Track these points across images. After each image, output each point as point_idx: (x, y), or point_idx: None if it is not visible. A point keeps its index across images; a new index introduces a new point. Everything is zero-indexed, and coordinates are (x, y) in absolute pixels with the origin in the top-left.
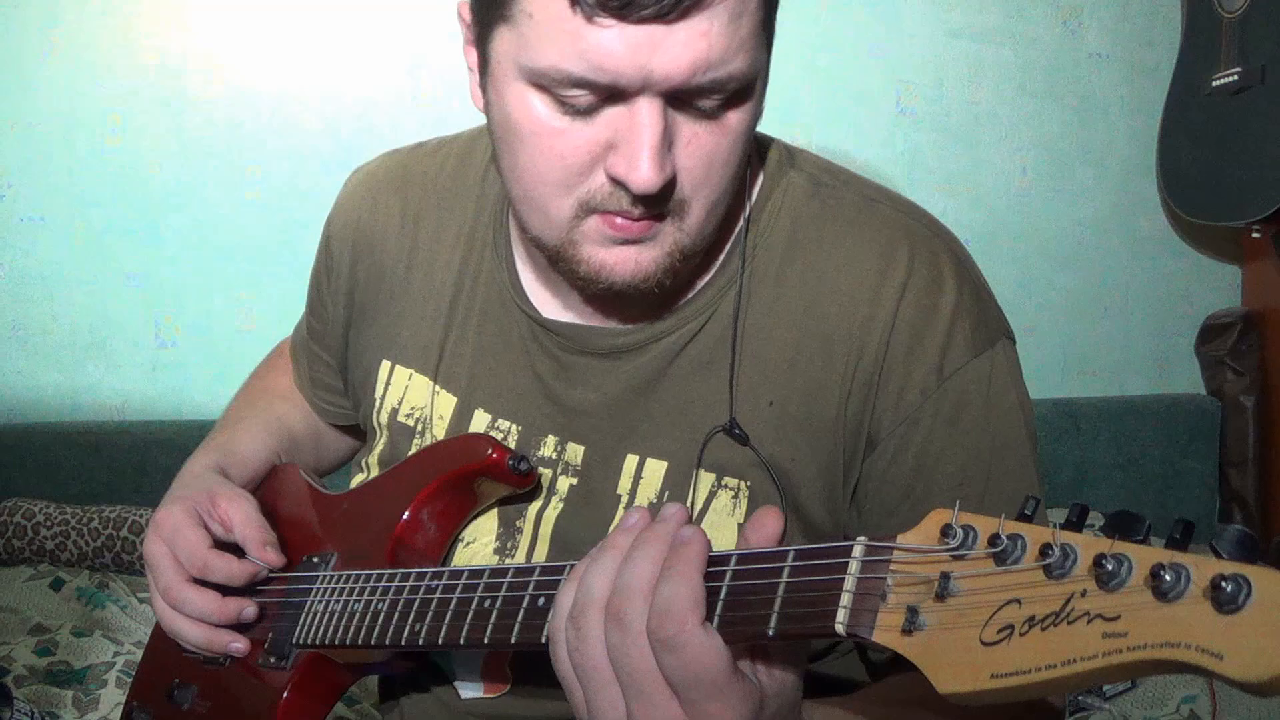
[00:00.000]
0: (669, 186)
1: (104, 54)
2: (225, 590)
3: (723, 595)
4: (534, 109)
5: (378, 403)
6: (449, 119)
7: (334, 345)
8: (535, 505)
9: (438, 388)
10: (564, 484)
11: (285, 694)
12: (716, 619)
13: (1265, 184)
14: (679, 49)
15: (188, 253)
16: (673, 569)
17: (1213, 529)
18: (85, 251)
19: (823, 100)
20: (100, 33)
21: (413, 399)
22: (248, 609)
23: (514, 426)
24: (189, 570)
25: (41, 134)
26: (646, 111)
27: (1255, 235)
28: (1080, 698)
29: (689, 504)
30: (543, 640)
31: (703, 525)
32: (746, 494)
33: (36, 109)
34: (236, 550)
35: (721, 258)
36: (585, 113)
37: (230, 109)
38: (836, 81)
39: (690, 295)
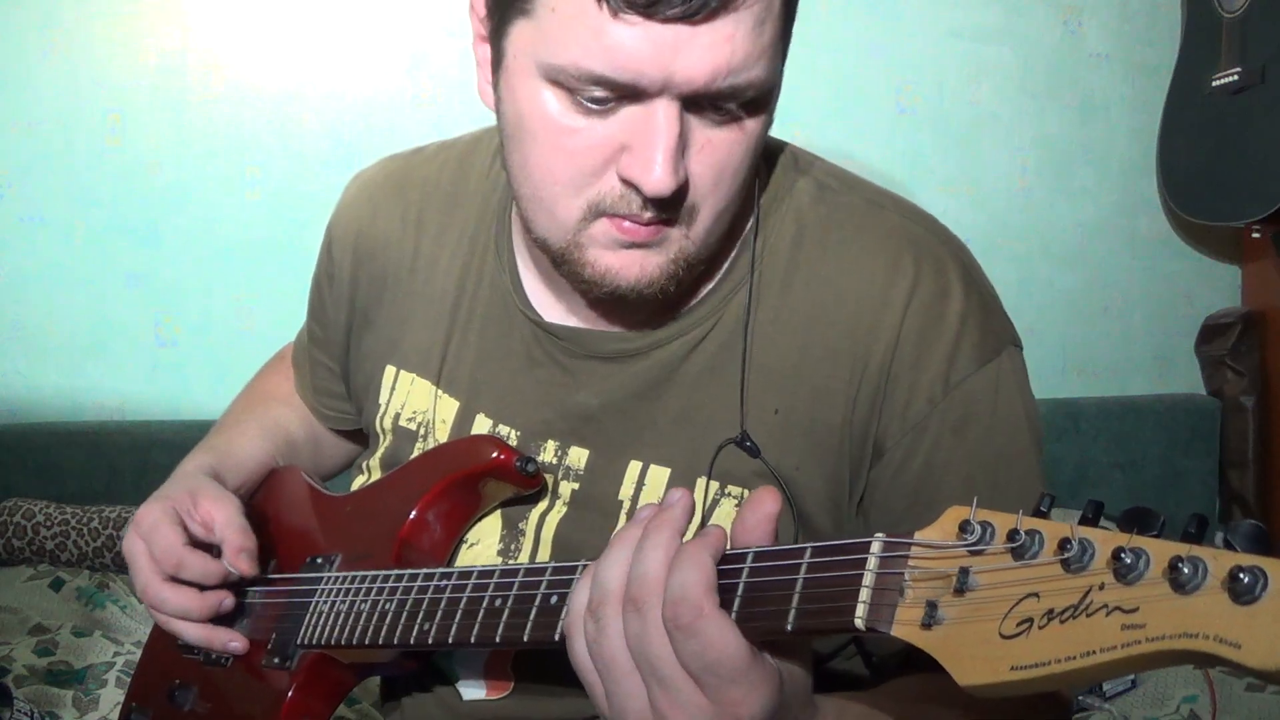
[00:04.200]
0: (681, 191)
1: (104, 54)
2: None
3: (740, 591)
4: (548, 106)
5: (381, 408)
6: (449, 119)
7: (336, 351)
8: (538, 509)
9: (440, 392)
10: (566, 488)
11: (290, 694)
12: (735, 614)
13: (1265, 184)
14: (702, 51)
15: (188, 253)
16: (683, 554)
17: (1213, 529)
18: (85, 251)
19: (823, 100)
20: (100, 33)
21: (415, 403)
22: (226, 600)
23: (514, 432)
24: (163, 567)
25: (41, 134)
26: (664, 114)
27: (1255, 235)
28: (1080, 697)
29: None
30: (556, 638)
31: None
32: (754, 491)
33: (36, 109)
34: (213, 551)
35: (727, 264)
36: (601, 112)
37: (230, 109)
38: (836, 81)
39: (695, 301)
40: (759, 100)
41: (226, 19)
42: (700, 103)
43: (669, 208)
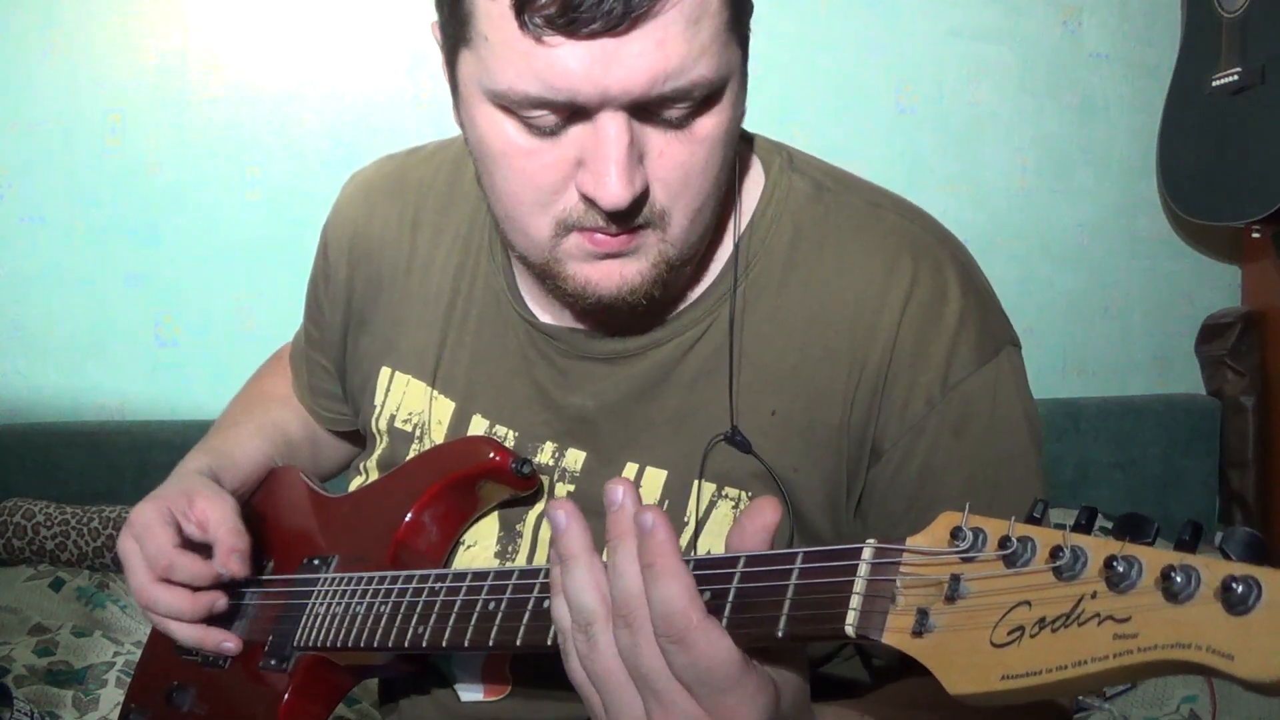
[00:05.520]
0: (641, 200)
1: (104, 54)
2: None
3: (731, 597)
4: (502, 130)
5: (377, 409)
6: (449, 119)
7: (333, 352)
8: (535, 510)
9: (435, 393)
10: (561, 490)
11: (286, 696)
12: (725, 620)
13: (1265, 184)
14: (634, 60)
15: (188, 253)
16: (653, 567)
17: (1213, 529)
18: (85, 251)
19: (823, 100)
20: (100, 33)
21: (410, 404)
22: (218, 601)
23: (510, 433)
24: (154, 569)
25: (41, 134)
26: (610, 127)
27: (1255, 235)
28: (1080, 697)
29: (688, 514)
30: (549, 642)
31: (702, 535)
32: (747, 504)
33: (36, 109)
34: (207, 551)
35: (721, 265)
36: (551, 132)
37: (230, 109)
38: (836, 81)
39: (689, 302)
40: (712, 97)
41: (226, 19)
42: (648, 109)
43: (631, 216)
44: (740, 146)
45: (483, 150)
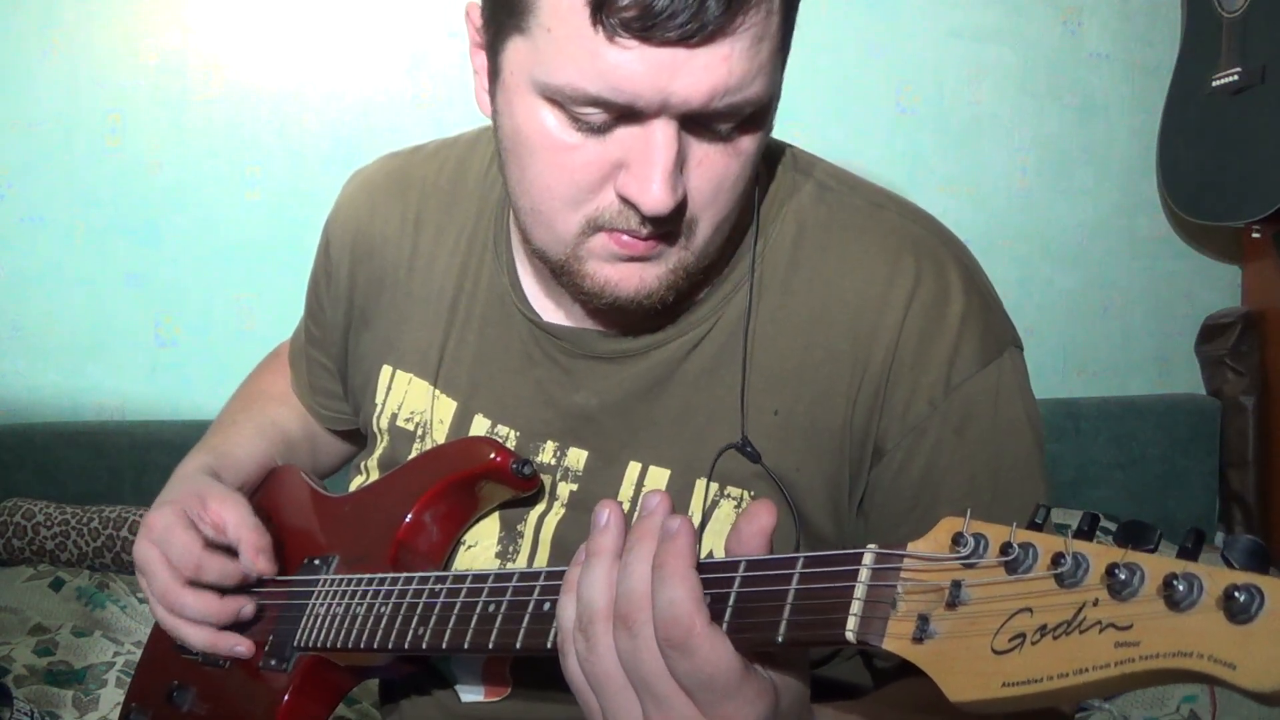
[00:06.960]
0: (679, 207)
1: (104, 54)
2: (221, 589)
3: (731, 602)
4: (545, 123)
5: (378, 408)
6: (449, 119)
7: (333, 350)
8: (536, 510)
9: (438, 392)
10: (564, 490)
11: (286, 697)
12: (726, 625)
13: (1265, 184)
14: (699, 73)
15: (188, 253)
16: (664, 568)
17: (1213, 529)
18: (85, 251)
19: (823, 100)
20: (100, 33)
21: (412, 403)
22: (246, 607)
23: (512, 432)
24: (182, 571)
25: (41, 134)
26: (661, 134)
27: (1255, 235)
28: None
29: (691, 514)
30: (548, 645)
31: (704, 535)
32: (748, 503)
33: (36, 109)
34: (228, 552)
35: (726, 266)
36: (598, 130)
37: (230, 109)
38: (836, 81)
39: (694, 302)
40: (757, 115)
41: (226, 19)
42: (698, 120)
43: (667, 223)
44: None
45: (518, 140)
